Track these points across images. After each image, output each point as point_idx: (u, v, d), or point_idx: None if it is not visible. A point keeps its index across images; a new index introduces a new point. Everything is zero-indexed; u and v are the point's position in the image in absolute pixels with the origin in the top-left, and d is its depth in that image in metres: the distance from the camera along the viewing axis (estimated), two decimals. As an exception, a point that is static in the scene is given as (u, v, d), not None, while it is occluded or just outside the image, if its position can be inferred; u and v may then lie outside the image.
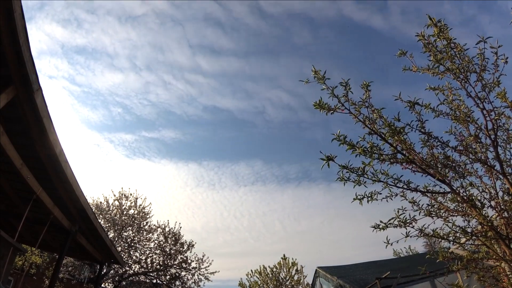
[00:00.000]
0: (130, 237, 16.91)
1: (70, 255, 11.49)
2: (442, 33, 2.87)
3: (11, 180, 5.91)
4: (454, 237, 3.13)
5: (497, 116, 2.98)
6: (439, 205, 3.19)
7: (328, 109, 2.88)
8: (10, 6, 3.15)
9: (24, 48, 3.48)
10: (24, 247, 10.29)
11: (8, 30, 3.33)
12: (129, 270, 16.81)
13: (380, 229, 3.04)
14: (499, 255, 2.98)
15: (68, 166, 5.22)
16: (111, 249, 8.56)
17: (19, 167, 4.49)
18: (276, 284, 21.17)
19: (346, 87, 2.84)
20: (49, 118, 4.34)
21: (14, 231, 6.77)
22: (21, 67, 3.63)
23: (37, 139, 4.58)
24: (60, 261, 7.11)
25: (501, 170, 2.96)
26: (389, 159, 2.92)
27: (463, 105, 3.26)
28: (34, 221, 6.73)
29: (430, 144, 3.22)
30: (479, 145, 3.22)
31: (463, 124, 3.23)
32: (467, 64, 2.94)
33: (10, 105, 3.84)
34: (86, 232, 7.49)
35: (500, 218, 2.99)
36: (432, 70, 3.12)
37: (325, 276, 13.68)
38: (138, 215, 17.52)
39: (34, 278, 17.84)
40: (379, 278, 9.70)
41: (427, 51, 3.06)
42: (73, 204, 6.20)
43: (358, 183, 2.91)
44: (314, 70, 2.87)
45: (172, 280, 17.39)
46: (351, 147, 2.76)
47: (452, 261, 3.41)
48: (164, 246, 17.44)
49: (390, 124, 2.87)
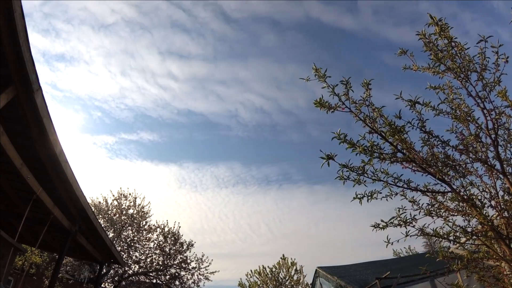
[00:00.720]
0: (129, 237, 16.90)
1: (70, 255, 11.49)
2: (443, 32, 2.87)
3: (11, 180, 5.90)
4: (454, 236, 3.12)
5: (497, 116, 2.97)
6: (439, 205, 3.19)
7: (329, 108, 2.88)
8: (10, 6, 3.15)
9: (24, 48, 3.48)
10: (24, 247, 10.29)
11: (8, 30, 3.32)
12: (129, 270, 16.80)
13: (380, 228, 3.04)
14: (499, 255, 2.98)
15: (68, 166, 5.21)
16: (111, 249, 8.56)
17: (19, 167, 4.48)
18: (276, 284, 21.17)
19: (347, 86, 2.84)
20: (49, 118, 4.33)
21: (14, 231, 6.77)
22: (21, 67, 3.63)
23: (37, 139, 4.58)
24: (60, 261, 7.10)
25: (502, 169, 2.96)
26: (389, 158, 2.92)
27: (464, 104, 3.26)
28: (34, 221, 6.72)
29: (431, 143, 3.21)
30: (480, 144, 3.22)
31: (464, 123, 3.22)
32: (467, 63, 2.94)
33: (10, 105, 3.83)
34: (86, 232, 7.48)
35: (501, 218, 2.98)
36: (432, 69, 3.11)
37: (325, 276, 13.68)
38: (137, 214, 17.51)
39: (34, 278, 17.83)
40: (379, 278, 9.70)
41: (427, 50, 3.06)
42: (73, 204, 6.20)
43: (358, 182, 2.91)
44: (315, 68, 2.87)
45: (172, 280, 17.38)
46: (352, 145, 2.76)
47: (452, 261, 3.40)
48: (164, 246, 17.44)
49: (390, 123, 2.87)
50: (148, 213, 17.95)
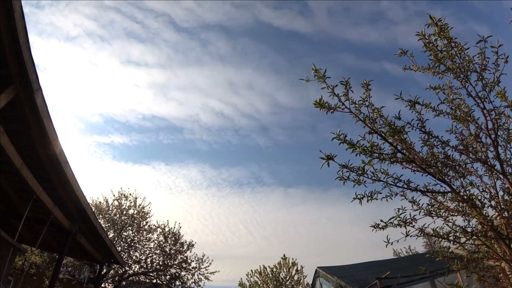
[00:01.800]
0: (130, 237, 16.91)
1: (70, 255, 11.49)
2: (443, 32, 2.87)
3: (11, 180, 5.91)
4: (454, 236, 3.12)
5: (497, 116, 2.97)
6: (439, 205, 3.19)
7: (328, 108, 2.88)
8: (10, 6, 3.15)
9: (24, 48, 3.48)
10: (24, 247, 10.28)
11: (8, 30, 3.32)
12: (129, 270, 16.80)
13: (380, 228, 3.04)
14: (499, 255, 2.98)
15: (68, 166, 5.21)
16: (111, 249, 8.56)
17: (19, 167, 4.49)
18: (276, 284, 21.17)
19: (347, 86, 2.84)
20: (49, 118, 4.34)
21: (14, 231, 6.77)
22: (21, 67, 3.63)
23: (37, 139, 4.58)
24: (60, 261, 7.10)
25: (501, 169, 2.96)
26: (389, 159, 2.92)
27: (464, 105, 3.25)
28: (34, 221, 6.72)
29: (430, 143, 3.21)
30: (479, 144, 3.21)
31: (464, 123, 3.22)
32: (467, 63, 2.94)
33: (10, 105, 3.84)
34: (86, 232, 7.48)
35: (500, 218, 2.98)
36: (432, 69, 3.11)
37: (325, 276, 13.68)
38: (137, 215, 17.52)
39: (34, 278, 17.83)
40: (379, 278, 9.69)
41: (427, 50, 3.06)
42: (73, 204, 6.20)
43: (358, 182, 2.91)
44: (315, 69, 2.87)
45: (172, 280, 17.39)
46: (351, 146, 2.76)
47: (452, 261, 3.40)
48: (164, 246, 17.45)
49: (390, 123, 2.87)
50: (148, 213, 17.97)
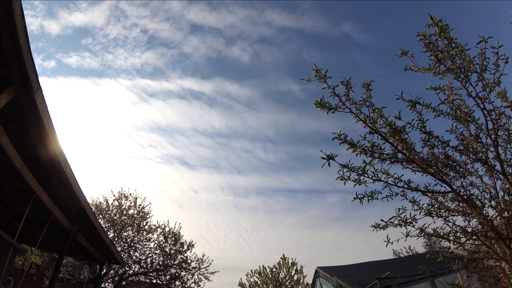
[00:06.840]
0: (130, 237, 16.91)
1: (70, 255, 11.49)
2: (444, 33, 2.87)
3: (11, 180, 5.91)
4: (454, 236, 3.12)
5: (497, 116, 2.97)
6: (440, 205, 3.19)
7: (329, 108, 2.88)
8: (10, 6, 3.15)
9: (24, 48, 3.48)
10: (24, 247, 10.28)
11: (8, 30, 3.32)
12: (129, 270, 16.80)
13: (381, 228, 3.04)
14: (499, 255, 2.98)
15: (68, 166, 5.21)
16: (111, 249, 8.56)
17: (19, 167, 4.49)
18: (276, 284, 21.18)
19: (347, 86, 2.84)
20: (49, 118, 4.33)
21: (14, 231, 6.76)
22: (21, 67, 3.63)
23: (37, 139, 4.58)
24: (60, 261, 7.11)
25: (502, 170, 2.96)
26: (390, 159, 2.92)
27: (464, 105, 3.25)
28: (34, 221, 6.73)
29: (431, 143, 3.21)
30: (480, 144, 3.21)
31: (464, 123, 3.22)
32: (468, 64, 2.94)
33: (10, 105, 3.84)
34: (86, 232, 7.48)
35: (501, 218, 2.98)
36: (433, 69, 3.11)
37: (325, 276, 13.68)
38: (137, 215, 17.52)
39: (34, 278, 17.81)
40: (379, 278, 9.70)
41: (428, 51, 3.06)
42: (73, 204, 6.19)
43: (359, 182, 2.92)
44: (316, 69, 2.87)
45: (172, 280, 17.39)
46: (352, 146, 2.76)
47: (452, 261, 3.40)
48: (164, 246, 17.45)
49: (391, 123, 2.87)
50: (148, 214, 17.97)
